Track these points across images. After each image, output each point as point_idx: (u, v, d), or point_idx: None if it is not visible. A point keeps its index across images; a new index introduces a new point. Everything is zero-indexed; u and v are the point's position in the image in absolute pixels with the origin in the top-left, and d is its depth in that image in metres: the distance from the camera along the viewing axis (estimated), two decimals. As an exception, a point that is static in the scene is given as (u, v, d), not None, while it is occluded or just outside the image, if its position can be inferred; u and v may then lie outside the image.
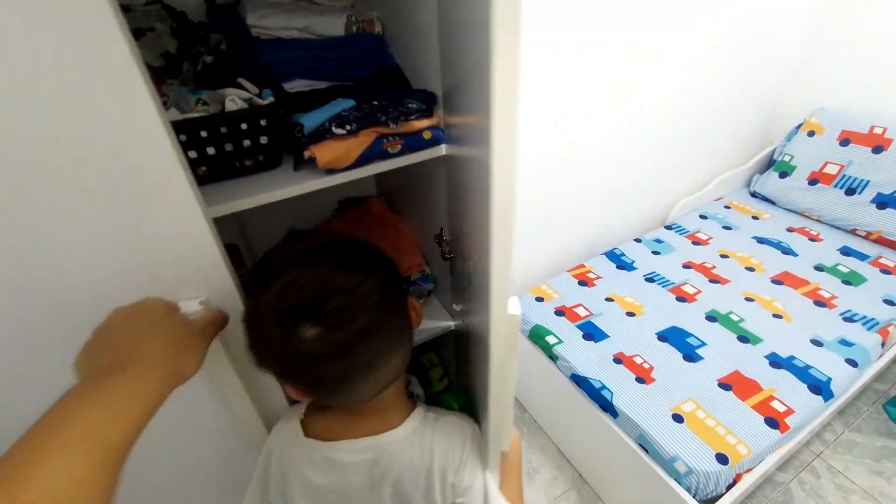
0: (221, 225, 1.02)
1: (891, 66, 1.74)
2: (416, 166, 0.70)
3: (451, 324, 0.91)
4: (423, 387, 1.08)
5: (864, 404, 1.61)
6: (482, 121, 0.39)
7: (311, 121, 0.59)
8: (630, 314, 1.50)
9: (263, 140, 0.60)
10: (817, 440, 1.52)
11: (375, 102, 0.62)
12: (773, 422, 1.15)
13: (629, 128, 1.62)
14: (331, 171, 0.62)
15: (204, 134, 0.56)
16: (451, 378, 1.03)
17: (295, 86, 0.72)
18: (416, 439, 0.60)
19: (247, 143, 0.59)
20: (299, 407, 0.67)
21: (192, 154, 0.57)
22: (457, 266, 0.81)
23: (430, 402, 0.71)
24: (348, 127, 0.59)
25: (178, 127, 0.54)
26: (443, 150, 0.69)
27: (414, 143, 0.66)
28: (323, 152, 0.59)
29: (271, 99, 0.61)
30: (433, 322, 0.94)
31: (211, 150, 0.58)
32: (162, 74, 0.66)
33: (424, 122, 0.66)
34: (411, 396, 1.08)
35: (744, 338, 1.38)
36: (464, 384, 0.86)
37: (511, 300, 0.52)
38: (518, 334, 0.88)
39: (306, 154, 0.60)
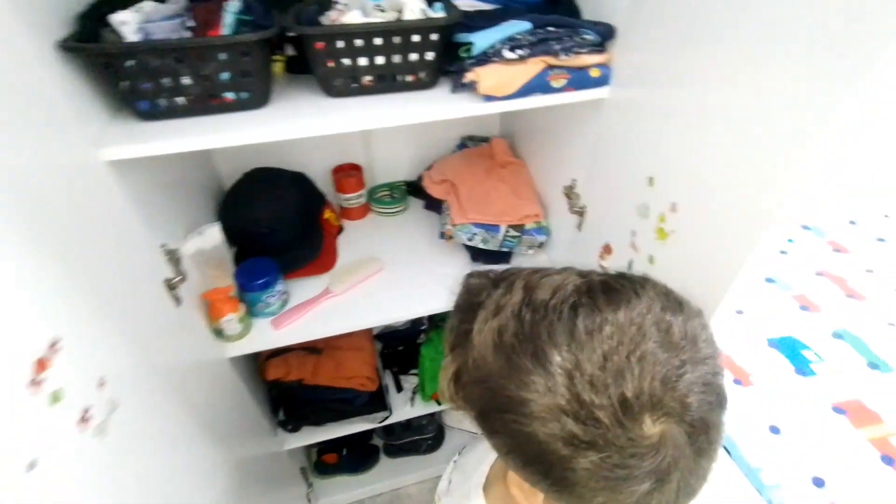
0: (350, 140, 1.05)
1: None
2: (555, 109, 0.65)
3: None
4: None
5: None
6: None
7: (483, 40, 0.56)
8: (738, 311, 1.37)
9: (429, 56, 0.59)
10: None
11: (551, 28, 0.57)
12: (891, 460, 1.02)
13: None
14: (489, 98, 0.59)
15: (378, 41, 0.56)
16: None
17: (458, 3, 0.69)
18: None
19: (414, 56, 0.58)
20: None
21: (363, 61, 0.57)
22: (586, 220, 0.77)
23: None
24: (520, 52, 0.56)
25: (356, 32, 0.55)
26: (606, 92, 0.63)
27: (580, 79, 0.61)
28: (487, 76, 0.57)
29: (443, 13, 0.59)
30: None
31: (380, 60, 0.57)
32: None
33: (595, 58, 0.60)
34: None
35: (874, 365, 1.21)
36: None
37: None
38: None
39: (468, 76, 0.58)
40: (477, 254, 0.92)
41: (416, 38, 0.57)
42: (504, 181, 0.95)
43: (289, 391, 1.00)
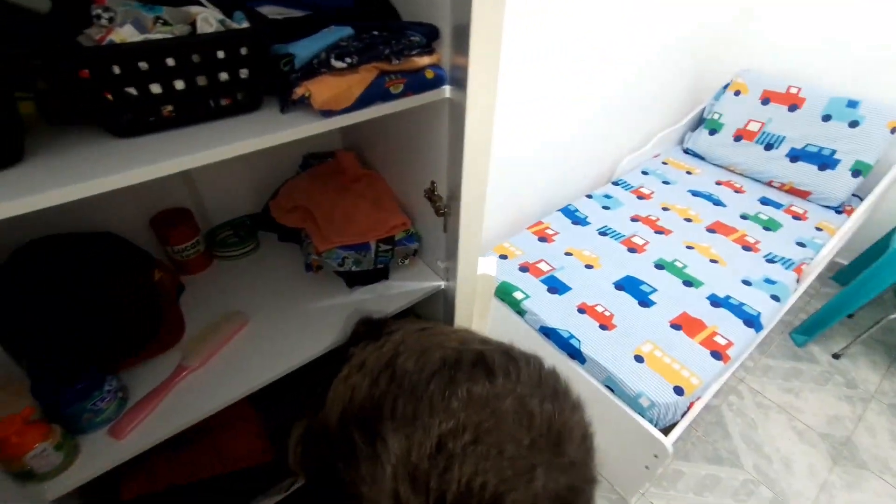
0: (170, 184, 0.88)
1: (806, 31, 1.91)
2: (399, 114, 0.63)
3: (441, 283, 0.88)
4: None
5: (775, 334, 1.87)
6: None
7: (304, 50, 0.50)
8: (588, 266, 1.56)
9: (244, 74, 0.50)
10: (740, 367, 1.75)
11: (375, 32, 0.54)
12: (717, 354, 1.29)
13: (578, 95, 1.65)
14: (327, 113, 0.53)
15: (171, 62, 0.45)
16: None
17: (264, 12, 0.61)
18: None
19: (224, 76, 0.49)
20: None
21: (157, 88, 0.46)
22: (450, 222, 0.77)
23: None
24: (349, 60, 0.51)
25: (138, 51, 0.43)
26: (446, 91, 0.63)
27: (417, 82, 0.59)
28: (320, 89, 0.51)
29: (247, 23, 0.50)
30: (419, 283, 0.90)
31: (180, 84, 0.47)
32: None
33: (426, 60, 0.59)
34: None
35: (688, 282, 1.51)
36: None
37: (485, 259, 0.46)
38: (490, 294, 0.86)
39: (298, 91, 0.51)
40: (353, 278, 0.85)
41: (221, 54, 0.47)
42: (362, 195, 0.90)
43: (159, 504, 0.80)
